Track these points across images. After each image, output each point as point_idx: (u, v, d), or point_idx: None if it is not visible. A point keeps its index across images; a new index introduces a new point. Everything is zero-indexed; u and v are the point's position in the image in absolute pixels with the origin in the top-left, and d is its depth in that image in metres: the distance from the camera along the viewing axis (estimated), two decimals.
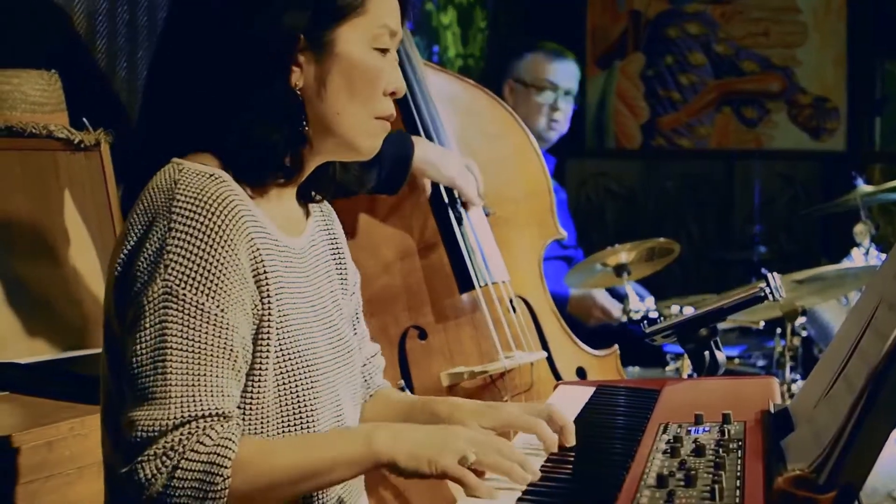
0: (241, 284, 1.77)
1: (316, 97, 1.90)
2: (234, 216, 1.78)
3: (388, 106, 1.95)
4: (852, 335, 1.72)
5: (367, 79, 1.90)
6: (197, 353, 1.71)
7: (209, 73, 1.88)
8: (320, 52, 1.88)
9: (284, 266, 1.89)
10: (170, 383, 1.68)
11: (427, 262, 3.14)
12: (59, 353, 2.89)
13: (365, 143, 1.96)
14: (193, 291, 1.72)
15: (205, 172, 1.82)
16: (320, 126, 1.91)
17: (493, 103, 3.42)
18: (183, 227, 1.74)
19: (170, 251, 1.73)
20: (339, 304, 2.08)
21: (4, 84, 2.94)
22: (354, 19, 1.88)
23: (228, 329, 1.74)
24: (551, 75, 4.60)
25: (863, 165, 6.37)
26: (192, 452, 1.66)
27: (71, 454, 2.35)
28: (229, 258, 1.76)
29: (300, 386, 1.87)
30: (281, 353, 1.85)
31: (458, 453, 1.72)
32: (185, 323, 1.71)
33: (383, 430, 1.77)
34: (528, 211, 3.40)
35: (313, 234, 2.06)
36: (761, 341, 5.06)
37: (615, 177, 7.33)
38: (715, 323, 2.44)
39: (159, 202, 1.78)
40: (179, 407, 1.68)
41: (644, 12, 7.18)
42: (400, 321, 3.12)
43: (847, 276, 4.03)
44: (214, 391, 1.71)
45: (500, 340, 3.11)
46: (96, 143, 3.10)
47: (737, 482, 1.61)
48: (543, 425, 1.94)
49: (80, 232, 3.05)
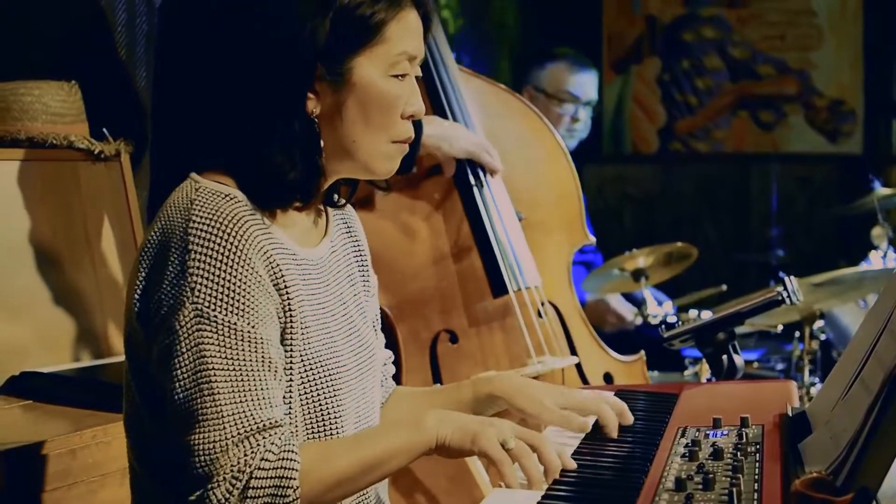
0: (266, 298, 1.79)
1: (332, 124, 1.90)
2: (249, 234, 1.79)
3: (405, 129, 1.95)
4: (869, 338, 1.73)
5: (383, 107, 1.90)
6: (239, 371, 1.73)
7: (223, 97, 1.90)
8: (337, 80, 1.87)
9: (303, 279, 1.90)
10: (219, 403, 1.70)
11: (460, 265, 3.14)
12: (80, 362, 2.90)
13: (382, 166, 1.96)
14: (224, 312, 1.74)
15: (221, 193, 1.83)
16: (337, 150, 1.92)
17: (523, 108, 3.41)
18: (201, 249, 1.75)
19: (192, 273, 1.74)
20: (363, 307, 2.10)
21: (25, 95, 2.96)
22: (372, 48, 1.88)
23: (263, 343, 1.76)
24: (572, 87, 4.59)
25: (880, 168, 6.36)
26: (259, 471, 1.68)
27: (94, 462, 2.36)
28: (250, 274, 1.77)
29: (323, 395, 1.89)
30: (303, 364, 1.86)
31: (500, 437, 1.77)
32: (221, 343, 1.73)
33: (431, 415, 1.82)
34: (559, 215, 3.39)
35: (333, 240, 2.06)
36: (779, 345, 5.05)
37: (632, 181, 7.33)
38: (733, 327, 2.45)
39: (176, 222, 1.79)
40: (234, 425, 1.70)
41: (660, 17, 7.18)
42: (431, 325, 3.12)
43: (865, 278, 4.02)
44: (263, 403, 1.73)
45: (533, 345, 3.12)
46: (116, 154, 3.12)
47: (755, 485, 1.61)
48: (608, 408, 2.02)
49: (100, 241, 3.06)
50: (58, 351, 2.88)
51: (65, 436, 2.34)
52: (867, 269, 4.24)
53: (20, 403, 2.63)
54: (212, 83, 1.93)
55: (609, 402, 2.04)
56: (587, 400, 2.05)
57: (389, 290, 3.06)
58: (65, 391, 2.64)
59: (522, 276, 3.13)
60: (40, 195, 2.95)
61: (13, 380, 2.71)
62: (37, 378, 2.71)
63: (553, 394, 2.08)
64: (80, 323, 2.95)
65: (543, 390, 2.09)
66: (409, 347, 3.08)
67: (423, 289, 3.12)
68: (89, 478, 2.36)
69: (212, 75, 1.94)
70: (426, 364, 3.09)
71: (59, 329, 2.90)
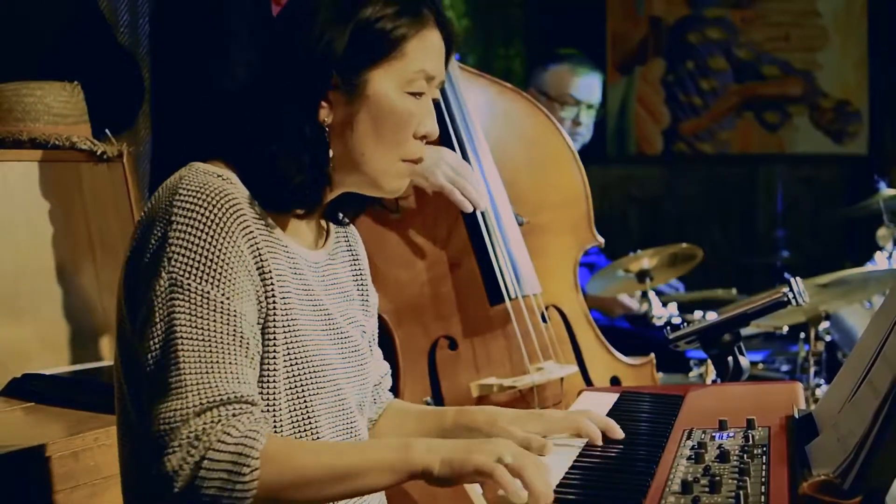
0: (244, 273, 1.77)
1: (343, 135, 1.89)
2: (233, 210, 1.79)
3: (416, 149, 1.94)
4: (876, 339, 1.72)
5: (395, 123, 1.89)
6: (207, 341, 1.71)
7: (236, 94, 1.90)
8: (351, 91, 1.87)
9: (292, 271, 1.89)
10: (183, 372, 1.68)
11: (458, 272, 3.11)
12: (83, 364, 2.90)
13: (390, 184, 1.95)
14: (198, 281, 1.73)
15: (214, 172, 1.83)
16: (345, 162, 1.91)
17: (530, 108, 3.38)
18: (184, 220, 1.75)
19: (172, 244, 1.74)
20: (359, 322, 2.08)
21: (28, 96, 2.96)
22: (390, 62, 1.88)
23: (236, 316, 1.74)
24: (574, 91, 4.58)
25: (885, 169, 6.35)
26: (218, 443, 1.64)
27: (96, 464, 2.36)
28: (231, 248, 1.76)
29: (307, 391, 1.87)
30: (288, 355, 1.85)
31: (494, 455, 1.69)
32: (192, 312, 1.71)
33: (421, 441, 1.75)
34: (566, 217, 3.35)
35: (333, 253, 2.05)
36: (785, 346, 5.04)
37: (637, 183, 7.33)
38: (738, 328, 2.44)
39: (163, 198, 1.80)
40: (196, 395, 1.67)
41: (664, 18, 7.18)
42: (430, 331, 3.09)
43: (870, 279, 4.01)
44: (230, 377, 1.70)
45: (531, 353, 3.09)
46: (119, 154, 3.11)
47: (761, 488, 1.60)
48: (588, 422, 1.99)
49: (103, 243, 3.06)
50: (60, 353, 2.87)
51: (67, 438, 2.33)
52: (873, 270, 4.23)
53: (22, 405, 2.63)
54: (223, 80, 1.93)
55: (591, 418, 2.01)
56: (565, 420, 2.04)
57: (387, 295, 3.02)
58: (67, 393, 2.63)
59: (520, 285, 3.09)
60: (43, 196, 2.94)
61: (15, 382, 2.71)
62: (39, 380, 2.71)
63: (528, 421, 2.05)
64: (83, 325, 2.95)
65: (520, 418, 2.07)
66: (407, 354, 3.05)
67: (421, 295, 3.09)
68: (91, 480, 2.36)
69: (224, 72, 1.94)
70: (424, 371, 3.06)
71: (62, 331, 2.90)
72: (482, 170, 3.11)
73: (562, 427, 2.03)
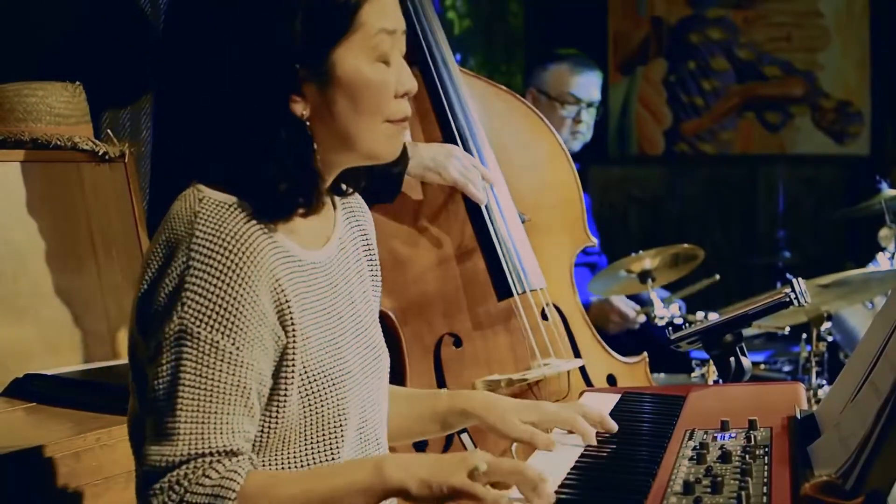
0: (258, 322, 1.77)
1: (325, 122, 1.86)
2: (254, 252, 1.78)
3: (400, 108, 1.91)
4: (878, 340, 1.72)
5: (371, 94, 1.86)
6: (209, 391, 1.72)
7: (210, 111, 1.88)
8: (321, 78, 1.84)
9: (308, 285, 1.88)
10: (179, 420, 1.70)
11: (463, 268, 3.12)
12: (84, 365, 2.90)
13: (384, 149, 1.93)
14: (209, 330, 1.72)
15: (224, 203, 1.81)
16: (335, 145, 1.89)
17: (525, 110, 3.40)
18: (201, 265, 1.74)
19: (188, 288, 1.73)
20: (370, 304, 2.08)
21: (29, 96, 2.96)
22: (350, 37, 1.83)
23: (243, 367, 1.74)
24: (575, 89, 4.58)
25: (887, 169, 6.34)
26: (197, 486, 1.67)
27: (98, 465, 2.36)
28: (247, 296, 1.75)
29: (327, 405, 1.87)
30: (305, 375, 1.84)
31: (468, 468, 1.68)
32: (199, 361, 1.72)
33: (393, 458, 1.75)
34: (561, 218, 3.38)
35: (342, 235, 2.04)
36: (787, 346, 5.04)
37: (638, 183, 7.33)
38: (740, 328, 2.44)
39: (180, 234, 1.78)
40: (187, 444, 1.69)
41: (666, 18, 7.18)
42: (435, 328, 3.10)
43: (872, 280, 4.01)
44: (224, 428, 1.72)
45: (538, 347, 3.11)
46: (121, 155, 3.11)
47: (763, 488, 1.60)
48: (581, 419, 1.99)
49: (105, 243, 3.06)
50: (61, 353, 2.87)
51: (68, 438, 2.33)
52: (874, 271, 4.23)
53: (23, 406, 2.62)
54: (198, 97, 1.92)
55: (586, 413, 2.03)
56: (559, 413, 2.05)
57: (393, 293, 3.04)
58: (68, 394, 2.63)
59: (527, 279, 3.12)
60: (44, 197, 2.94)
61: (17, 382, 2.71)
62: (40, 380, 2.71)
63: (525, 410, 2.06)
64: (84, 325, 2.95)
65: (515, 407, 2.08)
66: (412, 351, 3.07)
67: (426, 292, 3.11)
68: (93, 481, 2.35)
69: (198, 90, 1.92)
70: (430, 368, 3.08)
71: (63, 331, 2.90)
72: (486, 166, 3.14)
73: (555, 421, 2.04)
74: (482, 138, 3.18)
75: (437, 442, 2.93)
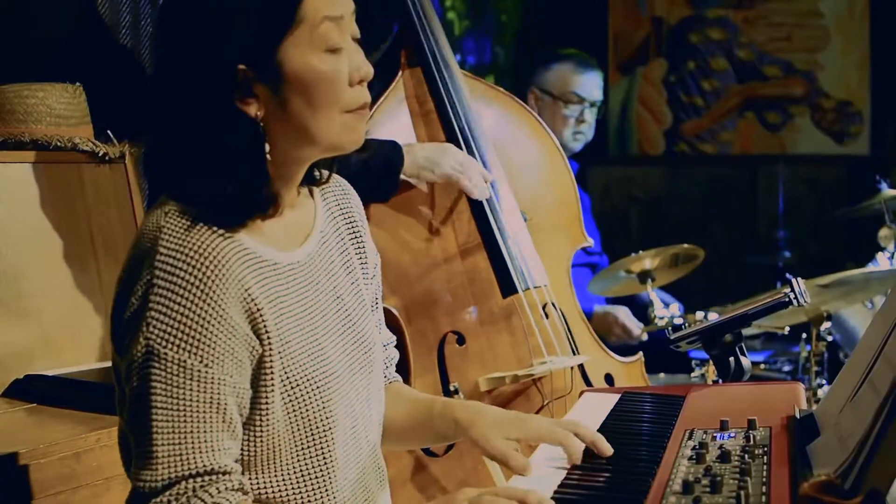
0: (228, 335, 1.72)
1: (282, 120, 1.81)
2: (220, 264, 1.73)
3: (357, 97, 1.85)
4: (878, 339, 1.72)
5: (325, 87, 1.80)
6: (181, 411, 1.68)
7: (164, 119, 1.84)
8: (271, 77, 1.78)
9: (286, 288, 1.85)
10: (156, 443, 1.67)
11: (467, 266, 3.14)
12: (85, 365, 2.90)
13: (346, 140, 1.87)
14: (174, 349, 1.69)
15: (189, 215, 1.77)
16: (296, 141, 1.84)
17: (522, 111, 3.43)
18: (164, 283, 1.70)
19: (152, 307, 1.70)
20: (361, 294, 2.04)
21: (30, 97, 2.96)
22: (294, 32, 1.77)
23: (214, 383, 1.71)
24: (578, 88, 4.58)
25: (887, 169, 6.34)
26: None
27: (98, 465, 2.36)
28: (213, 310, 1.71)
29: (311, 409, 1.84)
30: (287, 380, 1.81)
31: None
32: (168, 382, 1.68)
33: None
34: (558, 218, 3.40)
35: (323, 228, 2.00)
36: (786, 346, 5.04)
37: (638, 183, 7.33)
38: (740, 328, 2.44)
39: (145, 249, 1.75)
40: (166, 467, 1.67)
41: (666, 18, 7.18)
42: (439, 326, 3.12)
43: (872, 280, 4.01)
44: (203, 447, 1.69)
45: (544, 343, 3.12)
46: (121, 156, 3.11)
47: (762, 488, 1.61)
48: (573, 438, 1.94)
49: (105, 244, 3.06)
50: (62, 354, 2.87)
51: (69, 439, 2.33)
52: (874, 271, 4.22)
53: (24, 406, 2.63)
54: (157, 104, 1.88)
55: (579, 432, 1.96)
56: (550, 432, 1.98)
57: (397, 291, 3.06)
58: (69, 394, 2.63)
59: (530, 276, 3.14)
60: (45, 198, 2.94)
61: (17, 383, 2.71)
62: (41, 381, 2.71)
63: (509, 426, 2.02)
64: (85, 326, 2.95)
65: (500, 422, 2.03)
66: (417, 349, 3.08)
67: (431, 290, 3.12)
68: (93, 481, 2.36)
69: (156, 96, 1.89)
70: (434, 365, 3.09)
71: (64, 332, 2.90)
72: (487, 165, 3.17)
73: (547, 438, 1.99)
74: (484, 138, 3.20)
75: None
